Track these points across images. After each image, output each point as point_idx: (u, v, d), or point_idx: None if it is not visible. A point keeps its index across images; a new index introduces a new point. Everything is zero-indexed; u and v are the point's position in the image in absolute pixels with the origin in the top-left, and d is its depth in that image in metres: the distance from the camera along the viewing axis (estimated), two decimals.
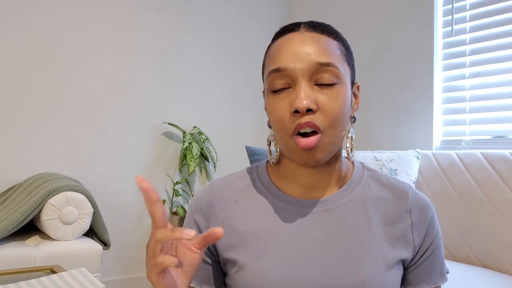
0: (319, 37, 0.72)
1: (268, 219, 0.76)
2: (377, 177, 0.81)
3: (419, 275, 0.78)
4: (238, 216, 0.77)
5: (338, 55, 0.72)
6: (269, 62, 0.74)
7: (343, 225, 0.74)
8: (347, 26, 2.76)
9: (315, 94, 0.69)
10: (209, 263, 0.79)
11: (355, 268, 0.71)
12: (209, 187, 0.81)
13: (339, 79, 0.71)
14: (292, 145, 0.71)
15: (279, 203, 0.77)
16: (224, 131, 2.93)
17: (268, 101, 0.74)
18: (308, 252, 0.72)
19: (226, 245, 0.76)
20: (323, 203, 0.76)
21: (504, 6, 2.06)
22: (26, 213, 1.81)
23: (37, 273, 1.30)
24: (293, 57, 0.70)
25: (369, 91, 2.60)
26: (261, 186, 0.80)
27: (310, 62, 0.69)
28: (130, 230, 2.60)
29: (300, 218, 0.75)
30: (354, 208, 0.76)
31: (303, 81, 0.69)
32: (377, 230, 0.75)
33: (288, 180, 0.78)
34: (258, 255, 0.73)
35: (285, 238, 0.74)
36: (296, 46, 0.71)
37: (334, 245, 0.73)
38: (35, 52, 2.34)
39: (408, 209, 0.77)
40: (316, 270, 0.71)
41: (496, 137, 2.09)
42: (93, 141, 2.48)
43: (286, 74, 0.70)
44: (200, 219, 0.79)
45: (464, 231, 1.81)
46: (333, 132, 0.70)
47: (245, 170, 0.84)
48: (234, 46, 2.97)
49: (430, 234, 0.77)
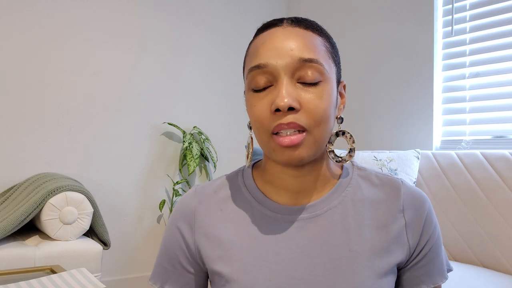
0: (303, 32, 0.68)
1: (254, 229, 0.72)
2: (367, 177, 0.76)
3: (416, 275, 0.73)
4: (224, 226, 0.74)
5: (322, 51, 0.68)
6: (250, 58, 0.70)
7: (332, 231, 0.70)
8: (347, 26, 2.76)
9: (298, 92, 0.65)
10: (191, 272, 0.76)
11: (346, 277, 0.67)
12: (193, 193, 0.78)
13: (324, 76, 0.67)
14: (272, 144, 0.67)
15: (265, 210, 0.73)
16: (224, 131, 2.93)
17: (248, 100, 0.69)
18: (296, 262, 0.69)
19: (212, 257, 0.73)
20: (311, 209, 0.72)
21: (504, 6, 2.06)
22: (26, 213, 1.81)
23: (37, 273, 1.30)
24: (274, 52, 0.66)
25: (369, 91, 2.60)
26: (246, 192, 0.76)
27: (292, 58, 0.65)
28: (130, 230, 2.60)
29: (287, 226, 0.71)
30: (343, 212, 0.72)
31: (285, 78, 0.65)
32: (368, 235, 0.70)
33: (274, 186, 0.74)
34: (244, 267, 0.70)
35: (272, 248, 0.70)
36: (278, 41, 0.66)
37: (323, 253, 0.69)
38: (35, 52, 2.34)
39: (401, 208, 0.72)
40: (305, 281, 0.68)
41: (496, 137, 2.09)
42: (93, 141, 2.48)
43: (267, 71, 0.66)
44: (184, 227, 0.76)
45: (464, 231, 1.81)
46: (319, 131, 0.66)
47: (231, 175, 0.80)
48: (234, 46, 2.97)
49: (427, 231, 0.72)
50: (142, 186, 2.64)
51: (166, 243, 0.78)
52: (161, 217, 2.72)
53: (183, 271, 0.76)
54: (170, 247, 0.77)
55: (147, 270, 2.65)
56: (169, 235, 0.78)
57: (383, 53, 2.55)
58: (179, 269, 0.76)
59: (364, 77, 2.63)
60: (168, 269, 0.77)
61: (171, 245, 0.77)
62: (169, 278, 0.77)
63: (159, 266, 0.79)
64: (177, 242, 0.76)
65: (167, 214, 2.74)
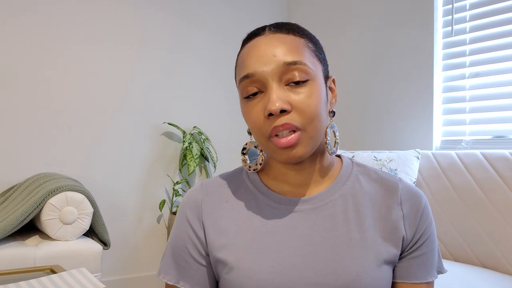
0: (284, 37, 0.71)
1: (258, 219, 0.76)
2: (366, 172, 0.80)
3: (408, 266, 0.76)
4: (229, 216, 0.77)
5: (306, 52, 0.71)
6: (239, 69, 0.74)
7: (334, 221, 0.74)
8: (347, 26, 2.76)
9: (287, 94, 0.69)
10: (204, 265, 0.78)
11: (346, 264, 0.70)
12: (199, 187, 0.81)
13: (310, 76, 0.70)
14: (271, 146, 0.71)
15: (269, 202, 0.77)
16: (224, 131, 2.93)
17: (243, 108, 0.74)
18: (299, 250, 0.72)
19: (217, 246, 0.75)
20: (313, 200, 0.76)
21: (504, 6, 2.06)
22: (26, 213, 1.81)
23: (37, 273, 1.30)
24: (260, 61, 0.70)
25: (369, 91, 2.60)
26: (251, 185, 0.80)
27: (277, 63, 0.69)
28: (130, 230, 2.60)
29: (290, 216, 0.75)
30: (344, 204, 0.75)
31: (273, 83, 0.69)
32: (368, 226, 0.74)
33: (277, 180, 0.79)
34: (249, 255, 0.73)
35: (276, 237, 0.73)
36: (262, 49, 0.70)
37: (324, 242, 0.72)
38: (35, 52, 2.34)
39: (399, 201, 0.76)
40: (307, 268, 0.71)
41: (496, 137, 2.09)
42: (93, 141, 2.48)
43: (255, 79, 0.70)
44: (192, 219, 0.78)
45: (464, 231, 1.81)
46: (313, 128, 0.70)
47: (235, 171, 0.84)
48: (234, 45, 2.97)
49: (423, 224, 0.76)
50: (142, 186, 2.64)
51: (176, 238, 0.79)
52: (161, 217, 2.72)
53: (196, 265, 0.77)
54: (180, 241, 0.78)
55: (147, 270, 2.65)
56: (179, 229, 0.79)
57: (383, 53, 2.55)
58: (191, 263, 0.77)
59: (364, 77, 2.63)
60: (180, 264, 0.78)
61: (181, 238, 0.78)
62: (183, 274, 0.78)
63: (170, 262, 0.79)
64: (187, 235, 0.78)
65: (167, 214, 2.74)
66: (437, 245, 0.79)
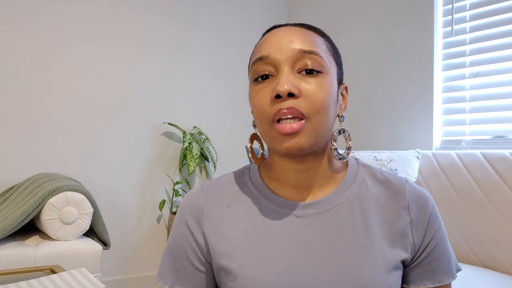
0: (305, 31, 0.71)
1: (262, 224, 0.73)
2: (372, 174, 0.77)
3: (421, 272, 0.74)
4: (231, 222, 0.74)
5: (323, 48, 0.71)
6: (254, 54, 0.73)
7: (340, 227, 0.71)
8: (347, 26, 2.76)
9: (298, 80, 0.68)
10: (203, 272, 0.75)
11: (354, 272, 0.68)
12: (200, 190, 0.78)
13: (323, 69, 0.69)
14: (273, 132, 0.68)
15: (273, 206, 0.74)
16: (224, 131, 2.93)
17: (251, 91, 0.72)
18: (305, 258, 0.69)
19: (220, 252, 0.72)
20: (318, 205, 0.73)
21: (504, 6, 2.06)
22: (26, 213, 1.81)
23: (37, 273, 1.30)
24: (276, 45, 0.69)
25: (369, 91, 2.60)
26: (253, 188, 0.77)
27: (293, 49, 0.68)
28: (130, 230, 2.60)
29: (294, 221, 0.72)
30: (350, 208, 0.73)
31: (285, 68, 0.68)
32: (375, 230, 0.72)
33: (280, 182, 0.76)
34: (253, 262, 0.70)
35: (280, 243, 0.71)
36: (280, 35, 0.70)
37: (331, 249, 0.70)
38: (35, 52, 2.34)
39: (406, 205, 0.73)
40: (314, 276, 0.68)
41: (496, 137, 2.09)
42: (93, 141, 2.48)
43: (268, 62, 0.69)
44: (192, 224, 0.75)
45: (464, 231, 1.81)
46: (318, 119, 0.67)
47: (237, 172, 0.81)
48: (234, 46, 2.97)
49: (431, 229, 0.74)
50: (142, 186, 2.64)
51: (175, 242, 0.77)
52: (161, 217, 2.72)
53: (194, 270, 0.75)
54: (179, 245, 0.76)
55: (147, 270, 2.65)
56: (178, 233, 0.77)
57: (383, 53, 2.55)
58: (189, 268, 0.75)
59: (364, 77, 2.63)
60: (177, 269, 0.76)
61: (180, 243, 0.76)
62: (179, 278, 0.76)
63: (167, 265, 0.77)
64: (186, 240, 0.76)
65: (167, 214, 2.74)
66: (449, 246, 0.77)
